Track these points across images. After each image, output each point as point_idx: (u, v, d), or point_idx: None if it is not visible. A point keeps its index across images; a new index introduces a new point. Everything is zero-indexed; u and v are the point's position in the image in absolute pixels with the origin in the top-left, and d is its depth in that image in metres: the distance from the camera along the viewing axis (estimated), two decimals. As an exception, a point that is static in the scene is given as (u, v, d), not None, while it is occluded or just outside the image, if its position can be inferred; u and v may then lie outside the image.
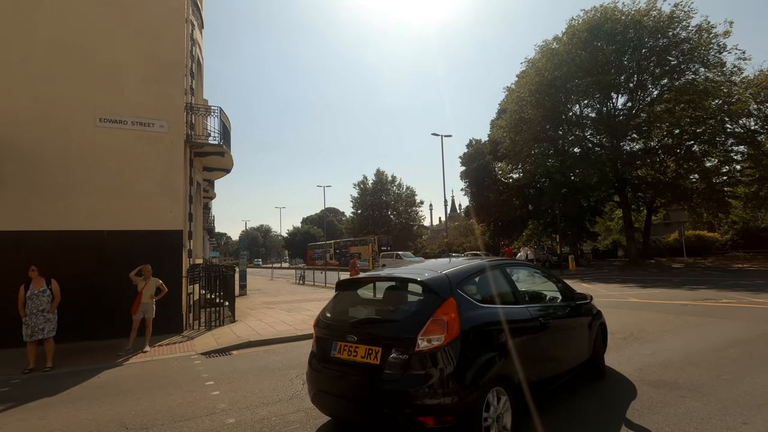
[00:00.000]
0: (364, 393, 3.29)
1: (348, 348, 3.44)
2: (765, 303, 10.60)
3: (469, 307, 3.42)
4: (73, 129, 8.92)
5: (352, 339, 3.43)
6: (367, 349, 3.31)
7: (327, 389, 3.56)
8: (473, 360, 3.18)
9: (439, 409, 2.97)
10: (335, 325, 3.79)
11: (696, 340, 6.88)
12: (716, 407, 4.03)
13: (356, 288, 4.28)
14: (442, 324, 3.14)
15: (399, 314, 3.59)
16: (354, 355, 3.38)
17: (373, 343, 3.31)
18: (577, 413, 4.05)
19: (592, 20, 29.25)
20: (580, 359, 4.70)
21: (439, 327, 3.12)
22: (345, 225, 79.11)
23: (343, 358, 3.45)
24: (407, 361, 3.08)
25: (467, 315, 3.33)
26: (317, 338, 3.88)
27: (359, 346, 3.37)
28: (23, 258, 7.51)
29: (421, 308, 3.34)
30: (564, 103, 31.67)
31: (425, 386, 2.99)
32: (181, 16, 10.31)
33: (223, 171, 13.97)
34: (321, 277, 23.01)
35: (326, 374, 3.57)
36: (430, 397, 2.97)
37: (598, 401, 4.33)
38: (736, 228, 37.27)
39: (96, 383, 5.85)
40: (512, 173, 41.33)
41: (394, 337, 3.25)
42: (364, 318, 3.79)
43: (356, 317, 3.82)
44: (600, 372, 5.14)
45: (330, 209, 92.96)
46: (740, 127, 29.61)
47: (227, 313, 10.77)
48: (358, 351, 3.36)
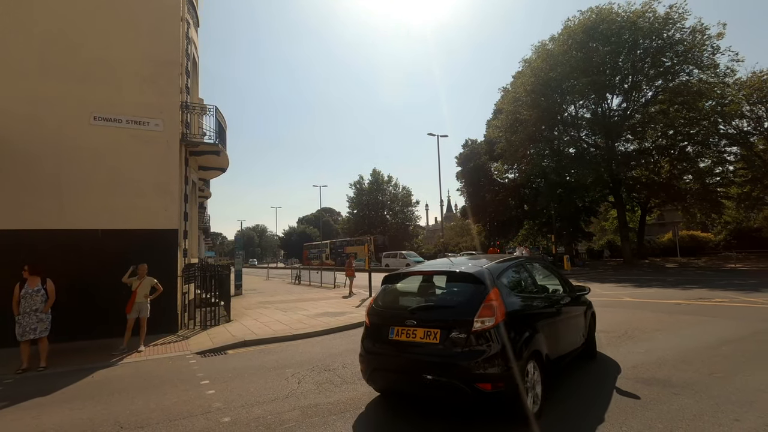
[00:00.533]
0: (426, 367, 3.75)
1: (406, 331, 3.98)
2: (757, 302, 10.71)
3: (507, 295, 4.06)
4: (68, 127, 8.86)
5: (411, 323, 3.97)
6: (425, 331, 3.86)
7: (386, 367, 4.09)
8: (515, 337, 3.78)
9: (493, 377, 3.58)
10: (389, 312, 4.34)
11: (689, 339, 6.94)
12: (708, 404, 4.08)
13: (402, 281, 4.83)
14: (492, 308, 3.76)
15: (455, 301, 4.18)
16: (413, 337, 3.92)
17: (432, 325, 3.87)
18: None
19: (587, 21, 29.41)
20: (580, 342, 5.44)
21: (490, 311, 3.75)
22: (341, 225, 79.10)
23: (401, 340, 3.98)
24: (466, 339, 3.68)
25: (508, 301, 3.97)
26: (371, 325, 4.37)
27: (417, 329, 3.92)
28: (17, 257, 7.45)
29: (473, 296, 3.92)
30: (559, 103, 31.84)
31: (481, 359, 3.60)
32: (177, 14, 10.26)
33: (219, 170, 13.92)
34: (317, 276, 22.95)
35: (385, 355, 4.09)
36: (485, 368, 3.58)
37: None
38: (729, 228, 37.67)
39: (90, 383, 5.82)
40: (508, 173, 41.51)
41: (453, 319, 3.83)
42: (422, 305, 4.26)
43: (410, 306, 4.27)
44: (593, 354, 5.93)
45: (326, 209, 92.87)
46: (733, 128, 29.92)
47: (222, 312, 10.74)
48: (417, 333, 3.91)
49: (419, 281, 4.81)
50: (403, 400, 4.46)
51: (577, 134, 33.30)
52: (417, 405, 4.30)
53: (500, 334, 3.68)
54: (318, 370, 5.97)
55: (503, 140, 34.90)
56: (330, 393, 4.91)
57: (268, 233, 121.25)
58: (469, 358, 3.61)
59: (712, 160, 31.07)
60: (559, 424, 3.81)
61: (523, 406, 3.67)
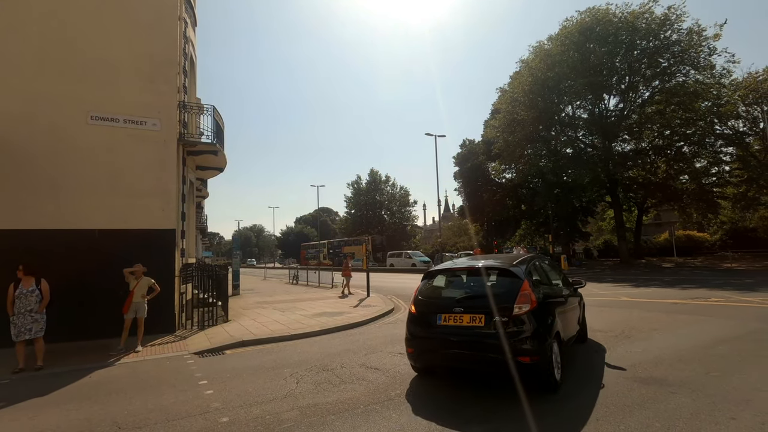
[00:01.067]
0: (475, 346, 4.52)
1: (453, 317, 4.72)
2: (753, 301, 10.78)
3: (535, 287, 4.85)
4: (64, 126, 8.81)
5: (459, 310, 4.70)
6: (471, 317, 4.62)
7: (437, 348, 4.81)
8: (543, 321, 4.61)
9: (530, 352, 4.37)
10: (435, 302, 5.13)
11: (686, 338, 6.98)
12: (705, 403, 4.10)
13: (440, 275, 5.64)
14: (527, 297, 4.55)
15: (496, 291, 4.79)
16: (460, 322, 4.66)
17: (477, 312, 4.62)
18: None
19: (584, 22, 29.46)
20: (577, 328, 6.30)
21: (525, 299, 4.54)
22: (339, 225, 79.06)
23: (450, 325, 4.72)
24: (508, 322, 4.44)
25: (536, 291, 4.74)
26: (418, 313, 5.10)
27: (464, 315, 4.66)
28: (14, 257, 7.40)
29: (511, 287, 4.70)
30: (557, 103, 31.89)
31: (521, 338, 4.39)
32: (174, 13, 10.23)
33: (217, 170, 13.88)
34: (315, 276, 22.92)
35: (434, 338, 4.80)
36: (524, 345, 4.38)
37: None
38: (725, 228, 37.84)
39: (87, 383, 5.79)
40: (505, 173, 41.52)
41: (496, 306, 4.55)
42: (468, 295, 5.02)
43: (455, 296, 5.07)
44: (584, 338, 6.91)
45: (323, 209, 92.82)
46: (729, 128, 30.09)
47: (220, 312, 10.71)
48: (464, 318, 4.66)
49: (456, 276, 5.63)
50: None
51: (575, 134, 33.38)
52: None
53: (533, 318, 4.48)
54: (316, 370, 5.97)
55: (501, 140, 34.92)
56: (328, 393, 4.91)
57: (265, 233, 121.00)
58: (511, 338, 4.38)
59: (709, 160, 31.21)
60: (557, 424, 3.83)
61: (552, 375, 4.51)
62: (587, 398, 4.37)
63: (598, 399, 4.33)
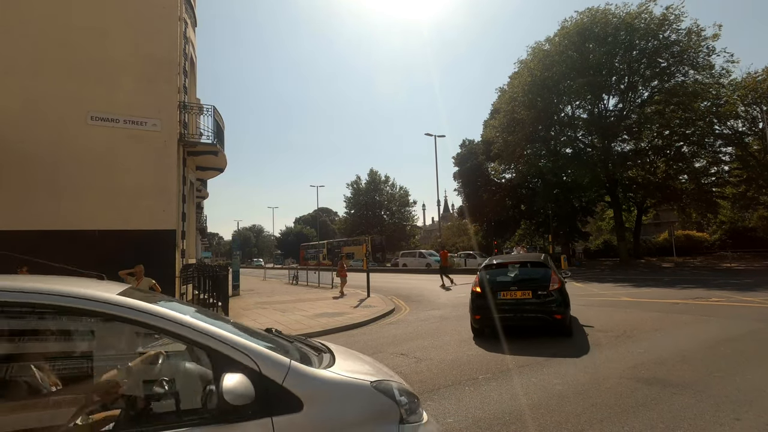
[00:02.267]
0: (526, 310, 7.38)
1: (509, 293, 7.49)
2: (754, 301, 10.78)
3: (557, 272, 7.75)
4: (64, 126, 8.80)
5: (514, 288, 7.48)
6: (522, 293, 7.44)
7: (498, 314, 7.35)
8: (565, 294, 7.44)
9: (560, 312, 7.18)
10: (494, 284, 7.68)
11: (688, 338, 6.98)
12: (709, 404, 4.10)
13: (493, 267, 8.16)
14: (556, 279, 7.45)
15: (536, 276, 7.68)
16: (515, 296, 7.46)
17: (525, 288, 7.45)
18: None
19: (583, 22, 29.50)
20: None
21: (556, 281, 7.41)
22: (338, 225, 78.96)
23: (507, 298, 7.47)
24: (546, 295, 7.28)
25: (559, 275, 7.72)
26: (483, 291, 7.64)
27: (517, 292, 7.45)
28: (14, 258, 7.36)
29: (545, 273, 7.63)
30: (556, 103, 31.92)
31: (554, 305, 7.22)
32: (175, 14, 10.22)
33: (217, 170, 13.87)
34: (314, 277, 22.89)
35: (497, 307, 7.39)
36: (557, 308, 7.20)
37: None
38: (725, 228, 37.89)
39: (88, 384, 5.76)
40: (505, 173, 41.58)
41: (539, 285, 7.41)
42: (519, 279, 7.67)
43: (508, 279, 7.68)
44: None
45: (323, 209, 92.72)
46: (728, 128, 30.12)
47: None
48: (517, 294, 7.45)
49: (505, 267, 8.07)
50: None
51: (574, 134, 33.39)
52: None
53: (560, 293, 7.32)
54: (318, 370, 5.93)
55: (500, 140, 34.94)
56: (331, 394, 4.88)
57: (264, 233, 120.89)
58: (549, 304, 7.22)
59: (708, 160, 31.28)
60: (558, 424, 3.82)
61: (570, 327, 7.50)
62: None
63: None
